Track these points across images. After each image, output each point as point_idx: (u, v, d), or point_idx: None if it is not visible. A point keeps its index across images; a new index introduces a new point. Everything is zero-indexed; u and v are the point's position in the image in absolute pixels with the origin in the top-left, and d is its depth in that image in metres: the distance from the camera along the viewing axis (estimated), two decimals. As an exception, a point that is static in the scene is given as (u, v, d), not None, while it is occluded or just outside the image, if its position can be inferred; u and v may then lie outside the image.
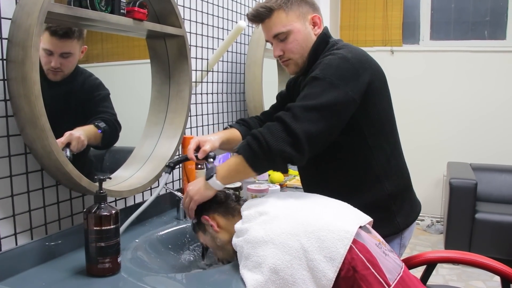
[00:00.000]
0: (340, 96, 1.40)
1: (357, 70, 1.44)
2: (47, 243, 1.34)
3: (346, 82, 1.41)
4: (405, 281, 1.26)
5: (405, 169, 1.67)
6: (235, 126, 1.74)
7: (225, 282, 1.23)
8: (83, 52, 1.48)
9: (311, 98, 1.39)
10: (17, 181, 1.26)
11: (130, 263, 1.33)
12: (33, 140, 1.21)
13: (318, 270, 1.16)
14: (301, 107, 1.38)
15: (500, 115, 4.41)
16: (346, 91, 1.40)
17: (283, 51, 1.57)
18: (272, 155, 1.35)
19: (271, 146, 1.34)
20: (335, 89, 1.39)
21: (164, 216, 1.81)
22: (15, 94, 1.18)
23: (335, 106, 1.40)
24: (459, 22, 4.57)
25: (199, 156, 1.51)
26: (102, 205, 1.22)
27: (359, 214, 1.36)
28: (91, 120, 1.52)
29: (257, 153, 1.36)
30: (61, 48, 1.41)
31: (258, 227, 1.23)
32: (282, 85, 3.21)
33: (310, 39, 1.57)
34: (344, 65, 1.43)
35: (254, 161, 1.38)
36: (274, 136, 1.35)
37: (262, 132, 1.37)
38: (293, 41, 1.55)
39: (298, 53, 1.56)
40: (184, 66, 1.79)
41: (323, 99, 1.38)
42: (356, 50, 1.52)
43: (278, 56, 1.60)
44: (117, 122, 1.61)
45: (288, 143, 1.34)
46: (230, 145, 1.68)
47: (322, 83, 1.40)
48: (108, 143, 1.61)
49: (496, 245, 3.63)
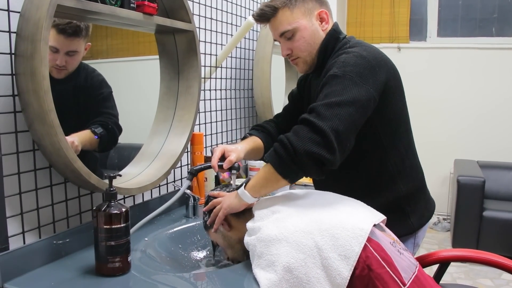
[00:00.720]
0: (362, 92, 1.35)
1: (374, 68, 1.40)
2: (55, 242, 1.31)
3: (366, 79, 1.37)
4: (420, 280, 1.23)
5: (419, 169, 1.64)
6: (255, 134, 1.69)
7: (237, 281, 1.21)
8: (86, 49, 1.45)
9: (333, 96, 1.33)
10: (25, 178, 1.24)
11: (140, 262, 1.31)
12: (42, 137, 1.19)
13: (333, 268, 1.14)
14: (325, 105, 1.31)
15: (506, 112, 4.37)
16: (367, 88, 1.36)
17: (291, 49, 1.54)
18: (299, 158, 1.25)
19: (296, 148, 1.25)
20: (356, 85, 1.35)
21: (173, 214, 1.79)
22: (24, 89, 1.15)
23: (358, 102, 1.34)
24: (467, 19, 4.53)
25: (224, 166, 1.47)
26: (112, 203, 1.20)
27: (373, 212, 1.34)
28: (89, 124, 1.49)
29: (284, 157, 1.27)
30: (68, 47, 1.38)
31: (271, 225, 1.21)
32: (290, 81, 3.19)
33: (318, 36, 1.53)
34: (361, 62, 1.39)
35: (282, 167, 1.28)
36: (299, 137, 1.26)
37: (288, 135, 1.29)
38: (300, 39, 1.51)
39: (306, 50, 1.53)
40: (193, 62, 1.77)
41: (346, 96, 1.32)
42: (371, 48, 1.48)
43: (286, 55, 1.57)
44: (117, 125, 1.57)
45: (315, 143, 1.24)
46: (254, 154, 1.65)
47: (343, 81, 1.35)
48: (104, 148, 1.57)
49: (504, 243, 3.60)
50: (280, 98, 3.07)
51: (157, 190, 1.80)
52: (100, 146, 1.50)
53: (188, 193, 1.75)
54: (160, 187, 1.82)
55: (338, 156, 1.27)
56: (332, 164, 1.27)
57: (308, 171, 1.29)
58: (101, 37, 1.58)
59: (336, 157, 1.26)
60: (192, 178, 1.52)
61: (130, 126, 1.62)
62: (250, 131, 1.73)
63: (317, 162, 1.26)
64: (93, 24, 1.46)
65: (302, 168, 1.28)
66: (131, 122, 1.62)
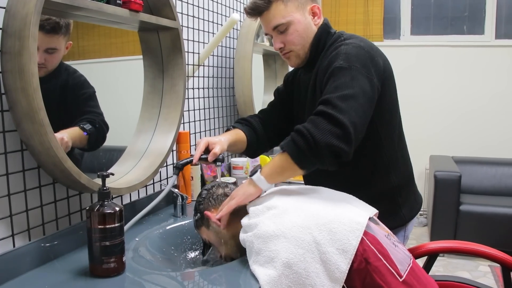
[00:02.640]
0: (369, 82, 1.37)
1: (373, 58, 1.42)
2: (45, 244, 1.28)
3: (369, 69, 1.39)
4: (415, 271, 1.25)
5: (409, 160, 1.66)
6: (238, 127, 1.68)
7: (233, 278, 1.20)
8: (67, 48, 1.41)
9: (345, 88, 1.32)
10: (13, 179, 1.20)
11: (133, 262, 1.29)
12: (30, 136, 1.15)
13: (331, 262, 1.14)
14: (339, 97, 1.30)
15: (479, 109, 4.46)
16: (371, 78, 1.38)
17: (284, 43, 1.54)
18: (319, 150, 1.25)
19: (317, 140, 1.24)
20: (363, 76, 1.36)
21: (161, 213, 1.76)
22: (11, 87, 1.12)
23: (367, 93, 1.35)
24: (439, 18, 4.61)
25: (209, 159, 1.46)
26: (105, 202, 1.17)
27: (366, 206, 1.34)
28: (76, 121, 1.45)
29: (303, 148, 1.26)
30: (47, 44, 1.34)
31: (268, 221, 1.20)
32: (269, 80, 3.19)
33: (311, 30, 1.54)
34: (362, 53, 1.40)
35: (300, 158, 1.29)
36: (320, 130, 1.25)
37: (307, 126, 1.28)
38: (293, 32, 1.51)
39: (299, 44, 1.53)
40: (178, 60, 1.75)
41: (357, 88, 1.33)
42: (364, 39, 1.50)
43: (278, 49, 1.56)
44: (104, 122, 1.54)
45: (335, 136, 1.25)
46: (237, 146, 1.64)
47: (350, 72, 1.35)
48: (94, 145, 1.53)
49: (480, 236, 3.67)
50: (259, 96, 3.06)
51: (144, 190, 1.78)
52: (89, 143, 1.46)
53: (176, 192, 1.73)
54: (147, 187, 1.79)
55: (353, 148, 1.28)
56: (348, 156, 1.28)
57: (325, 162, 1.29)
58: (71, 38, 1.53)
59: (352, 149, 1.28)
60: (178, 172, 1.50)
61: (112, 129, 1.58)
62: (234, 124, 1.73)
63: (335, 154, 1.26)
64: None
65: (320, 160, 1.28)
66: (112, 125, 1.57)
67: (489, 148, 4.46)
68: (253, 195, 1.34)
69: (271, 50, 2.96)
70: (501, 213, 3.69)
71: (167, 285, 1.18)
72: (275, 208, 1.24)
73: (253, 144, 1.69)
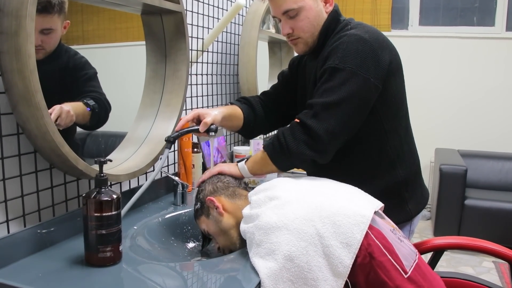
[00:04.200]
0: (361, 84, 1.34)
1: (376, 52, 1.37)
2: (41, 231, 1.24)
3: (367, 68, 1.35)
4: (421, 268, 1.21)
5: (416, 154, 1.61)
6: (237, 104, 1.67)
7: (233, 271, 1.17)
8: (65, 27, 1.36)
9: (332, 93, 1.35)
10: (9, 163, 1.16)
11: (130, 251, 1.26)
12: (27, 119, 1.11)
13: (335, 256, 1.10)
14: (322, 105, 1.35)
15: (487, 102, 4.41)
16: (368, 78, 1.35)
17: (293, 29, 1.49)
18: (292, 157, 1.38)
19: (290, 149, 1.36)
20: (357, 77, 1.34)
21: (161, 201, 1.73)
22: (7, 69, 1.07)
23: (357, 97, 1.35)
24: (448, 8, 4.54)
25: (200, 129, 1.43)
26: (102, 189, 1.14)
27: (371, 199, 1.31)
28: (79, 97, 1.41)
29: (278, 153, 1.40)
30: (41, 24, 1.28)
31: (270, 212, 1.17)
32: (273, 68, 3.15)
33: (322, 17, 1.49)
34: (362, 47, 1.36)
35: (276, 160, 1.42)
36: (295, 139, 1.36)
37: (285, 133, 1.38)
38: (304, 19, 1.46)
39: (309, 31, 1.48)
40: (181, 45, 1.70)
41: (344, 93, 1.34)
42: (371, 28, 1.44)
43: (286, 34, 1.51)
44: (107, 101, 1.50)
45: (308, 146, 1.35)
46: (232, 122, 1.62)
47: (342, 74, 1.34)
48: (97, 122, 1.49)
49: (484, 231, 3.63)
50: (264, 84, 3.02)
51: (143, 177, 1.74)
52: (92, 119, 1.42)
53: (177, 180, 1.69)
54: (147, 174, 1.76)
55: (330, 155, 1.40)
56: (324, 161, 1.41)
57: (299, 166, 1.51)
58: (76, 22, 1.49)
59: (328, 155, 1.40)
60: (171, 146, 1.45)
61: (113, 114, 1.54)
62: (233, 101, 1.71)
63: (307, 161, 1.41)
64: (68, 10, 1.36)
65: (293, 163, 1.43)
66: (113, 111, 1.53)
67: (496, 142, 4.41)
68: (233, 172, 1.45)
69: (277, 37, 2.91)
70: (506, 208, 3.65)
71: (165, 276, 1.15)
72: (277, 199, 1.20)
73: (250, 123, 1.67)
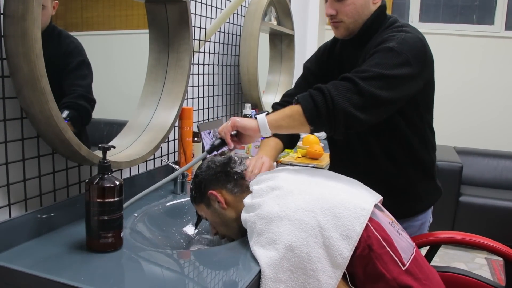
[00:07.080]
0: (412, 75, 1.37)
1: (427, 54, 1.44)
2: (42, 216, 1.25)
3: (419, 64, 1.39)
4: (418, 261, 1.23)
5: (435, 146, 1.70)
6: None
7: (232, 260, 1.17)
8: (54, 7, 1.34)
9: (385, 68, 1.32)
10: (12, 147, 1.17)
11: (131, 238, 1.26)
12: (31, 104, 1.11)
13: (334, 248, 1.11)
14: (376, 74, 1.30)
15: (483, 100, 4.42)
16: (418, 73, 1.38)
17: (337, 11, 1.51)
18: (335, 112, 1.25)
19: (335, 102, 1.25)
20: (410, 67, 1.35)
21: (161, 190, 1.72)
22: (13, 53, 1.07)
23: (407, 82, 1.36)
24: (449, 5, 4.54)
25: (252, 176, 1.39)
26: (105, 175, 1.14)
27: (372, 192, 1.32)
28: None
29: (319, 106, 1.26)
30: None
31: (272, 202, 1.17)
32: (274, 60, 3.14)
33: (368, 8, 1.52)
34: (419, 45, 1.41)
35: (313, 114, 1.28)
36: (340, 93, 1.26)
37: (328, 87, 1.27)
38: (351, 4, 1.49)
39: (353, 17, 1.51)
40: (185, 34, 1.70)
41: (397, 72, 1.33)
42: (418, 31, 1.51)
43: (329, 15, 1.53)
44: (85, 98, 1.44)
45: (353, 103, 1.25)
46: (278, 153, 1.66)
47: (399, 57, 1.35)
48: (82, 123, 1.45)
49: (477, 227, 3.66)
50: (264, 76, 3.02)
51: (144, 165, 1.74)
52: (75, 126, 1.36)
53: (177, 168, 1.70)
54: (147, 162, 1.76)
55: (369, 122, 1.30)
56: (360, 127, 1.31)
57: (334, 127, 1.30)
58: (75, 9, 1.49)
59: (366, 122, 1.29)
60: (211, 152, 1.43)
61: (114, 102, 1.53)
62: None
63: (348, 121, 1.27)
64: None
65: (331, 123, 1.28)
66: (114, 99, 1.53)
67: (492, 140, 4.43)
68: (249, 129, 1.32)
69: (278, 29, 2.90)
70: (500, 206, 3.68)
71: (165, 263, 1.16)
72: (279, 189, 1.21)
73: (288, 144, 1.71)
